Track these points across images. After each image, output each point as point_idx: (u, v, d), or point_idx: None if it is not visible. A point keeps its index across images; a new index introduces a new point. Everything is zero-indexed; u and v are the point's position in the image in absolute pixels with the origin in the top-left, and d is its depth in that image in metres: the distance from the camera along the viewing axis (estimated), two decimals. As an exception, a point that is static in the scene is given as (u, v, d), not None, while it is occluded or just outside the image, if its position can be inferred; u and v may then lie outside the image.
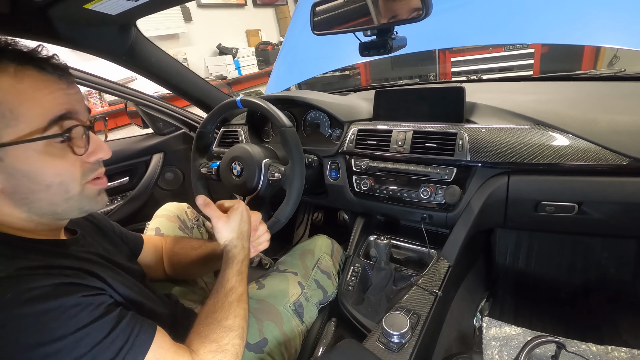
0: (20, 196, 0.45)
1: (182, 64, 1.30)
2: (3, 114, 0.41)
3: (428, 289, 0.85)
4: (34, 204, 0.46)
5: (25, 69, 0.43)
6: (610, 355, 0.92)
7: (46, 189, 0.45)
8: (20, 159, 0.43)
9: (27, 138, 0.42)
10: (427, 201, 0.95)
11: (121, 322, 0.43)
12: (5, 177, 0.43)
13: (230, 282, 0.60)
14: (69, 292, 0.40)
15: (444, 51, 2.92)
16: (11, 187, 0.44)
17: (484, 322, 1.07)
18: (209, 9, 4.20)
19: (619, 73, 1.15)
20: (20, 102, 0.42)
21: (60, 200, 0.47)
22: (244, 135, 1.23)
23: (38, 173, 0.44)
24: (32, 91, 0.43)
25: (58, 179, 0.46)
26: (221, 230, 0.66)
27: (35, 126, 0.43)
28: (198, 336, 0.52)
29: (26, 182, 0.44)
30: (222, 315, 0.55)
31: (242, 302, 0.59)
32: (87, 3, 0.71)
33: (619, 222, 0.84)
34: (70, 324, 0.39)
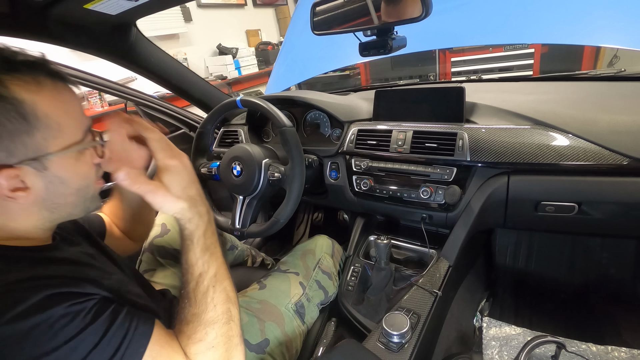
0: (50, 202, 0.47)
1: (182, 64, 1.30)
2: (51, 125, 0.44)
3: (428, 289, 0.85)
4: (60, 208, 0.49)
5: (59, 83, 0.46)
6: (610, 355, 0.93)
7: (75, 192, 0.49)
8: (61, 167, 0.46)
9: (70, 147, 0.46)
10: (427, 201, 0.95)
11: (117, 320, 0.43)
12: (45, 184, 0.45)
13: (197, 267, 0.52)
14: (56, 304, 0.40)
15: (444, 51, 2.91)
16: (47, 194, 0.46)
17: (484, 322, 1.07)
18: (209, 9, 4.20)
19: (619, 73, 1.15)
20: (64, 114, 0.45)
21: (80, 202, 0.50)
22: (244, 135, 1.23)
23: (72, 178, 0.48)
24: (69, 104, 0.46)
25: (85, 182, 0.50)
26: (163, 206, 0.51)
27: (74, 136, 0.47)
28: (182, 336, 0.50)
29: (61, 188, 0.47)
30: (199, 309, 0.50)
31: (219, 285, 0.53)
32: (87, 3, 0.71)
33: (619, 222, 0.84)
34: (61, 335, 0.39)
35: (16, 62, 0.43)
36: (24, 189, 0.44)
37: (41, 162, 0.44)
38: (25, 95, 0.42)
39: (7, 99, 0.41)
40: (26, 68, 0.43)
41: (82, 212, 0.52)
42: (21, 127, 0.42)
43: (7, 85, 0.41)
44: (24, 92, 0.42)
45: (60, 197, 0.48)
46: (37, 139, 0.43)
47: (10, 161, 0.42)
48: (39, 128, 0.43)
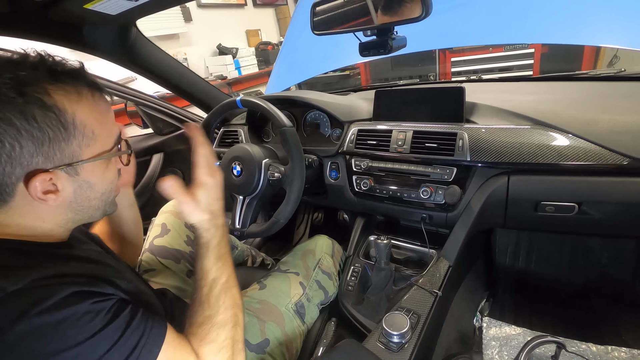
0: (77, 204, 0.49)
1: (182, 64, 1.30)
2: (87, 134, 0.46)
3: (428, 289, 0.85)
4: (85, 210, 0.51)
5: (96, 94, 0.49)
6: (610, 355, 0.93)
7: (100, 196, 0.52)
8: (91, 172, 0.49)
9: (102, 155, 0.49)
10: (427, 201, 0.95)
11: (134, 320, 0.45)
12: (74, 188, 0.48)
13: (211, 273, 0.56)
14: (81, 300, 0.42)
15: (444, 51, 2.91)
16: (74, 197, 0.48)
17: (484, 322, 1.07)
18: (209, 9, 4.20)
19: (619, 73, 1.15)
20: (99, 124, 0.48)
21: (102, 205, 0.53)
22: (244, 135, 1.23)
23: (100, 183, 0.50)
24: (104, 114, 0.49)
25: (110, 187, 0.53)
26: (189, 215, 0.58)
27: (106, 145, 0.50)
28: (195, 337, 0.52)
29: (88, 192, 0.49)
30: (211, 311, 0.54)
31: (229, 291, 0.57)
32: (87, 3, 0.71)
33: (619, 222, 0.84)
34: (86, 329, 0.41)
35: (59, 72, 0.45)
36: (55, 191, 0.46)
37: (74, 167, 0.46)
38: (66, 105, 0.44)
39: (51, 107, 0.43)
40: (68, 78, 0.45)
41: (101, 215, 0.55)
42: (61, 135, 0.44)
43: (51, 94, 0.43)
44: (65, 101, 0.44)
45: (86, 201, 0.50)
46: (73, 146, 0.45)
47: (46, 166, 0.44)
48: (76, 136, 0.45)
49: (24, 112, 0.41)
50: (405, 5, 0.71)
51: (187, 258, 0.92)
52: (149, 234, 0.97)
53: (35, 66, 0.43)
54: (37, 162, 0.43)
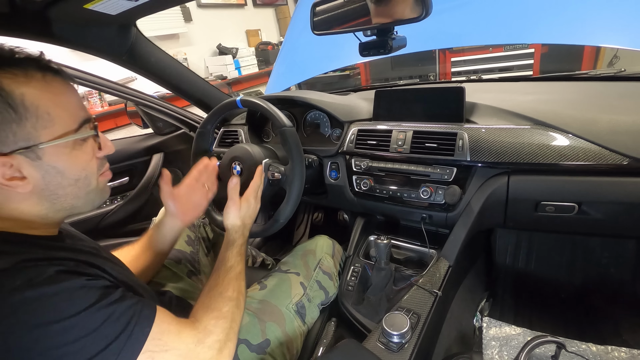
0: (49, 192, 0.49)
1: (182, 64, 1.30)
2: (41, 116, 0.45)
3: (428, 289, 0.85)
4: (60, 198, 0.50)
5: (49, 75, 0.48)
6: (610, 355, 0.93)
7: (75, 182, 0.51)
8: (55, 157, 0.47)
9: (63, 137, 0.47)
10: (427, 201, 0.95)
11: (125, 300, 0.46)
12: (42, 174, 0.47)
13: (230, 261, 0.66)
14: (73, 277, 0.44)
15: (444, 51, 2.91)
16: (44, 184, 0.48)
17: (484, 322, 1.07)
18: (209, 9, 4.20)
19: (619, 73, 1.15)
20: (55, 105, 0.47)
21: (83, 194, 0.52)
22: (244, 135, 1.23)
23: (69, 168, 0.49)
24: (60, 95, 0.48)
25: (84, 173, 0.51)
26: (230, 215, 0.74)
27: (68, 127, 0.48)
28: (202, 306, 0.58)
29: (59, 178, 0.49)
30: (223, 288, 0.61)
31: (240, 279, 0.65)
32: (87, 3, 0.71)
33: (619, 222, 0.84)
34: (79, 302, 0.42)
35: (6, 57, 0.45)
36: (21, 178, 0.46)
37: (34, 151, 0.45)
38: (13, 87, 0.44)
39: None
40: (16, 63, 0.45)
41: (87, 205, 0.54)
42: (10, 117, 0.43)
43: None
44: (12, 84, 0.44)
45: (58, 188, 0.49)
46: (27, 129, 0.45)
47: (3, 150, 0.44)
48: (28, 118, 0.44)
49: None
50: (405, 5, 0.71)
51: (188, 258, 0.92)
52: None
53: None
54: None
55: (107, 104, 3.08)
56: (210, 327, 0.54)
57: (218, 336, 0.54)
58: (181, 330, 0.50)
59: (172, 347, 0.48)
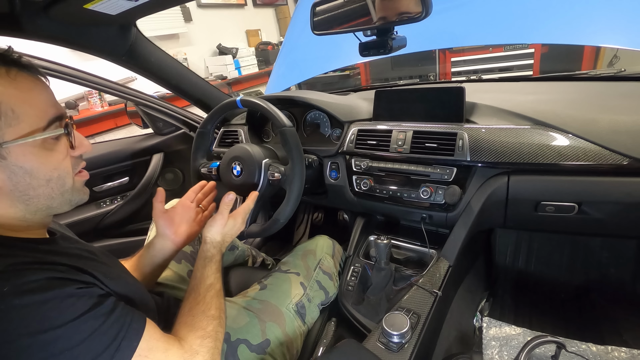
0: (20, 193, 0.46)
1: (182, 64, 1.30)
2: (5, 113, 0.43)
3: (428, 289, 0.85)
4: (33, 200, 0.48)
5: (13, 71, 0.45)
6: (610, 355, 0.93)
7: (46, 183, 0.48)
8: (22, 157, 0.45)
9: (29, 136, 0.45)
10: (427, 201, 0.95)
11: (115, 311, 0.45)
12: (7, 174, 0.45)
13: (209, 279, 0.64)
14: (63, 285, 0.42)
15: (444, 51, 2.91)
16: (12, 185, 0.45)
17: (484, 322, 1.07)
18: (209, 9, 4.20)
19: (619, 73, 1.15)
20: (20, 102, 0.44)
21: (57, 194, 0.50)
22: (244, 135, 1.23)
23: (38, 169, 0.47)
24: (27, 92, 0.45)
25: (56, 172, 0.49)
26: (213, 229, 0.71)
27: (35, 125, 0.46)
28: (185, 325, 0.56)
29: (27, 179, 0.46)
30: (205, 306, 0.60)
31: (220, 297, 0.64)
32: (87, 3, 0.71)
33: (619, 222, 0.84)
34: (68, 313, 0.41)
35: None
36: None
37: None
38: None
39: None
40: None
41: (64, 205, 0.52)
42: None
43: None
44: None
45: (28, 189, 0.47)
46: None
47: None
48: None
49: None
50: (405, 5, 0.71)
51: (188, 258, 0.92)
52: (150, 234, 0.97)
53: None
54: None
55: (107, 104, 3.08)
56: (196, 347, 0.53)
57: (204, 356, 0.53)
58: (168, 349, 0.49)
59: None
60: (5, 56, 0.45)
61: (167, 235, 0.76)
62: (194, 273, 0.65)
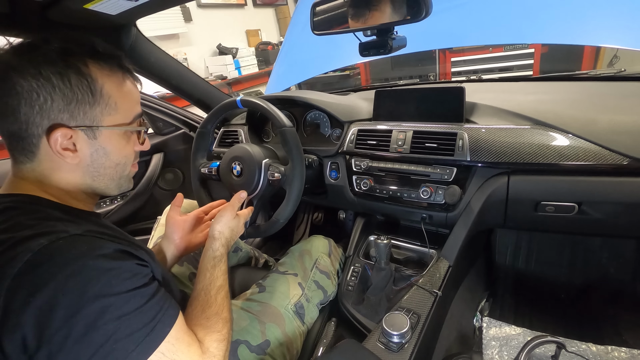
0: (93, 169, 0.55)
1: (182, 64, 1.30)
2: (110, 104, 0.53)
3: (428, 289, 0.85)
4: (100, 177, 0.56)
5: (126, 75, 0.57)
6: (610, 355, 0.93)
7: (115, 166, 0.57)
8: (107, 140, 0.55)
9: (120, 125, 0.55)
10: (427, 201, 0.95)
11: (156, 295, 0.48)
12: (92, 151, 0.54)
13: (219, 280, 0.65)
14: (126, 258, 0.47)
15: (444, 51, 2.91)
16: (91, 160, 0.54)
17: (484, 322, 1.07)
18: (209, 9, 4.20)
19: (619, 73, 1.15)
20: (122, 99, 0.55)
21: (117, 178, 0.59)
22: (244, 135, 1.23)
23: (115, 153, 0.56)
24: (128, 92, 0.57)
25: (124, 159, 0.58)
26: (223, 219, 0.72)
27: (125, 118, 0.56)
28: (201, 327, 0.56)
29: (103, 159, 0.55)
30: (218, 308, 0.61)
31: (229, 299, 0.65)
32: (87, 3, 0.71)
33: (619, 222, 0.84)
34: (125, 284, 0.45)
35: (100, 52, 0.53)
36: (73, 150, 0.52)
37: (93, 131, 0.53)
38: (98, 76, 0.52)
39: (85, 75, 0.50)
40: (106, 58, 0.54)
41: (116, 189, 0.60)
42: (87, 99, 0.51)
43: (88, 65, 0.51)
44: (98, 73, 0.52)
45: (101, 167, 0.55)
46: (96, 112, 0.52)
47: (70, 123, 0.50)
48: (100, 103, 0.52)
49: (62, 74, 0.48)
50: (405, 5, 0.71)
51: (191, 260, 0.92)
52: (154, 233, 0.96)
53: (83, 44, 0.52)
54: (63, 117, 0.50)
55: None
56: (213, 350, 0.54)
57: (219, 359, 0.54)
58: (191, 344, 0.51)
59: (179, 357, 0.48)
60: (121, 62, 0.56)
61: (174, 239, 0.78)
62: (203, 273, 0.65)
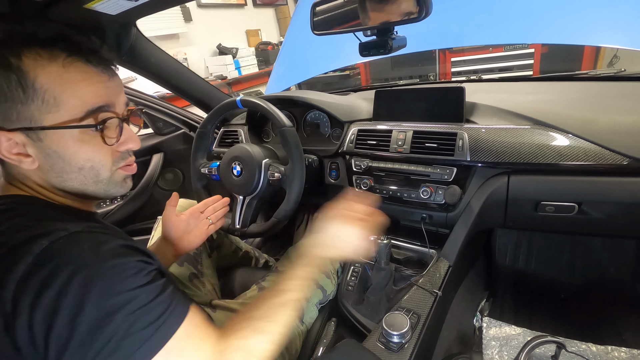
0: (55, 174, 0.49)
1: (182, 64, 1.30)
2: (47, 100, 0.45)
3: (428, 289, 0.85)
4: (67, 182, 0.50)
5: (73, 60, 0.46)
6: (610, 356, 0.93)
7: (78, 171, 0.49)
8: (56, 142, 0.47)
9: (64, 124, 0.46)
10: (427, 201, 0.95)
11: (165, 292, 0.44)
12: (43, 156, 0.47)
13: (285, 283, 0.56)
14: (131, 254, 0.44)
15: (444, 51, 2.91)
16: (47, 165, 0.48)
17: (484, 322, 1.07)
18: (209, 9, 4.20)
19: (619, 73, 1.15)
20: (64, 91, 0.45)
21: (90, 182, 0.51)
22: (244, 135, 1.23)
23: (71, 157, 0.48)
24: (75, 82, 0.46)
25: (89, 163, 0.50)
26: (325, 224, 0.62)
27: (73, 115, 0.46)
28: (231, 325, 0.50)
29: (60, 163, 0.48)
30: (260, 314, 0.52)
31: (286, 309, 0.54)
32: (87, 3, 0.71)
33: (619, 222, 0.84)
34: (128, 282, 0.41)
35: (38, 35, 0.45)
36: (26, 155, 0.46)
37: (35, 132, 0.45)
38: (30, 68, 0.43)
39: (14, 68, 0.43)
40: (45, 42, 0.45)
41: (98, 193, 0.53)
42: (18, 96, 0.44)
43: (20, 56, 0.43)
44: (31, 64, 0.44)
45: (62, 172, 0.49)
46: (31, 110, 0.44)
47: (6, 125, 0.45)
48: (35, 100, 0.44)
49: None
50: (405, 5, 0.71)
51: (191, 260, 0.92)
52: (154, 233, 0.97)
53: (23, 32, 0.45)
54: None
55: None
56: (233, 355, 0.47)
57: None
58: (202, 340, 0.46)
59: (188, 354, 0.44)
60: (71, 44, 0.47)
61: (171, 239, 0.77)
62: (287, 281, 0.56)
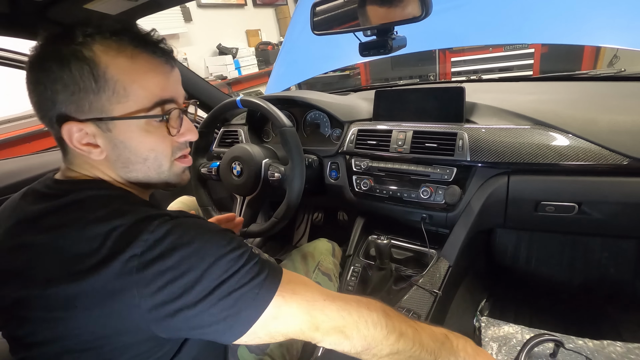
0: (121, 164, 0.50)
1: (182, 64, 1.30)
2: (118, 91, 0.46)
3: (428, 289, 0.85)
4: (132, 173, 0.51)
5: (140, 51, 0.47)
6: (607, 350, 0.93)
7: (143, 161, 0.51)
8: (124, 133, 0.48)
9: (133, 115, 0.47)
10: (427, 201, 0.95)
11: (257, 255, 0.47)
12: (111, 146, 0.48)
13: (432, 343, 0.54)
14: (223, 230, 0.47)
15: (444, 51, 2.91)
16: (114, 155, 0.49)
17: (484, 322, 1.07)
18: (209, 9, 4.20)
19: (619, 73, 1.15)
20: (133, 82, 0.47)
21: (154, 173, 0.53)
22: (244, 135, 1.23)
23: (137, 147, 0.49)
24: (143, 73, 0.47)
25: (153, 154, 0.51)
26: None
27: (140, 105, 0.48)
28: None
29: (127, 153, 0.49)
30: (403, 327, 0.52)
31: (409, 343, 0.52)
32: (87, 3, 0.71)
33: (619, 222, 0.84)
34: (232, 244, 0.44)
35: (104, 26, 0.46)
36: (95, 145, 0.47)
37: (105, 123, 0.47)
38: (102, 59, 0.45)
39: (86, 59, 0.44)
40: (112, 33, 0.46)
41: (160, 183, 0.55)
42: (91, 87, 0.45)
43: (92, 47, 0.45)
44: (102, 55, 0.45)
45: (128, 162, 0.50)
46: (102, 101, 0.46)
47: (78, 116, 0.46)
48: (106, 90, 0.45)
49: (62, 62, 0.44)
50: (405, 5, 0.71)
51: None
52: None
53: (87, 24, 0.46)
54: (70, 110, 0.45)
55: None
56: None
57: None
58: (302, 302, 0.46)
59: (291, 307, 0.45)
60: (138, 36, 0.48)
61: None
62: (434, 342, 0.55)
